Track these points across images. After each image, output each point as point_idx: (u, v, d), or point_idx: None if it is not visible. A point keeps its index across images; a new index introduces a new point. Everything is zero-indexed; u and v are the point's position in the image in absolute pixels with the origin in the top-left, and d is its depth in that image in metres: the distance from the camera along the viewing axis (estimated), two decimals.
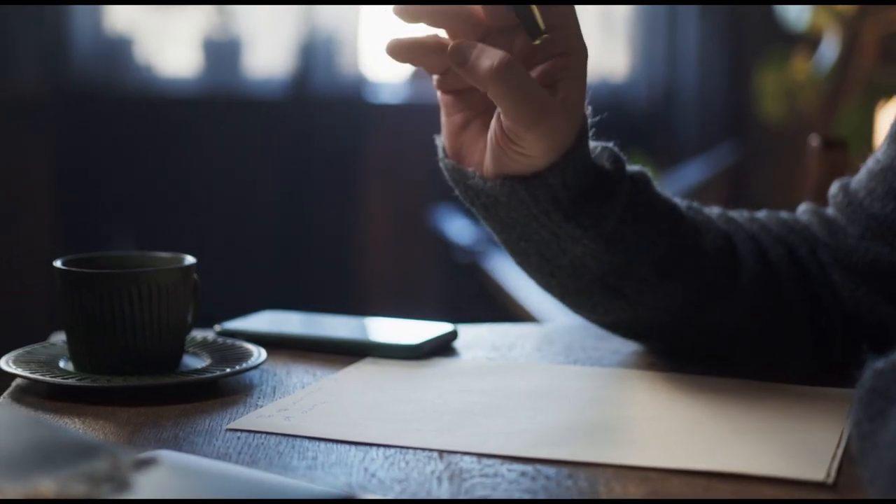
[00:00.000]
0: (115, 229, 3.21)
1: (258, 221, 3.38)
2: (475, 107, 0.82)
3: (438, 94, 0.83)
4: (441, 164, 0.83)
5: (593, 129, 0.81)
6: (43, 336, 0.91)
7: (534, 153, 0.77)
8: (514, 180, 0.78)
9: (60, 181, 3.29)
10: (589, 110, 0.81)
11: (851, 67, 2.96)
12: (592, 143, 0.82)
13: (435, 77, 0.82)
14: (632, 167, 0.84)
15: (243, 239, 3.36)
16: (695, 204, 0.90)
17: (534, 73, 0.77)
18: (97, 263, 0.83)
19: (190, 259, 0.83)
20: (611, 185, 0.80)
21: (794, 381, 0.82)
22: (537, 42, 0.76)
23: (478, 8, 0.80)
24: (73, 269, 0.79)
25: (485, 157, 0.80)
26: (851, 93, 2.92)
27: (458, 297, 3.15)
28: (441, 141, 0.84)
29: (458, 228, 3.01)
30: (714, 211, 0.91)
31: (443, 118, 0.83)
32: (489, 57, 0.75)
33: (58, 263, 0.80)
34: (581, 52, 0.78)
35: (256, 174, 3.38)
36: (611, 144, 0.83)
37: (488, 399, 0.78)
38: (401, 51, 0.80)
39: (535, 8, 0.76)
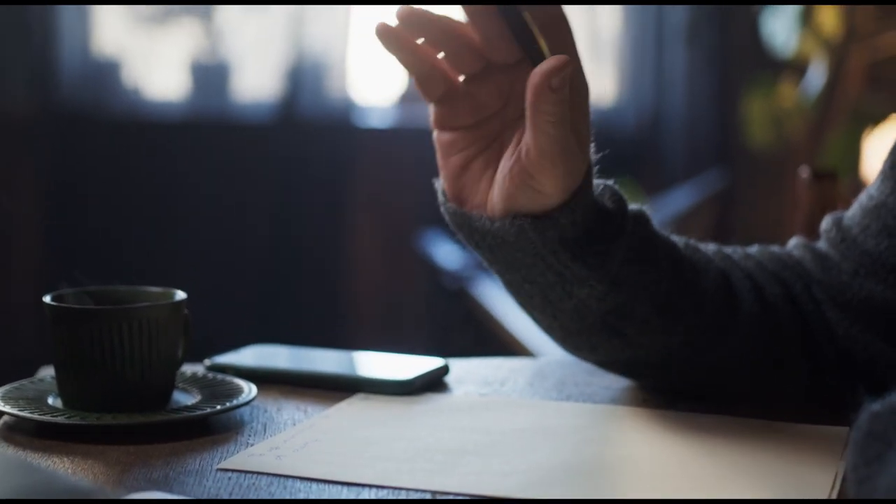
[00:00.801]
0: (103, 252, 3.19)
1: (246, 244, 3.37)
2: (476, 143, 0.80)
3: (435, 134, 0.82)
4: (442, 209, 0.82)
5: (597, 167, 0.81)
6: (31, 366, 0.91)
7: (549, 191, 0.76)
8: (523, 219, 0.77)
9: (48, 204, 3.28)
10: (592, 148, 0.80)
11: (838, 95, 2.97)
12: (595, 181, 0.82)
13: (432, 115, 0.81)
14: (632, 206, 0.83)
15: (231, 261, 3.35)
16: (692, 241, 0.89)
17: None
18: (87, 298, 0.82)
19: (181, 294, 0.83)
20: (614, 224, 0.80)
21: (789, 417, 0.82)
22: (534, 81, 0.75)
23: (475, 39, 0.78)
24: (63, 304, 0.79)
25: (489, 197, 0.79)
26: (838, 120, 2.93)
27: (446, 322, 3.14)
28: (440, 185, 0.83)
29: (447, 253, 3.01)
30: (710, 248, 0.91)
31: (440, 160, 0.82)
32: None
33: (47, 299, 0.80)
34: (585, 88, 0.77)
35: (244, 198, 3.37)
36: (611, 182, 0.83)
37: (481, 437, 0.77)
38: (395, 35, 0.77)
39: (542, 41, 0.75)
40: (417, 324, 3.41)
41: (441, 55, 0.79)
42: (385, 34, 0.78)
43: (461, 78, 0.80)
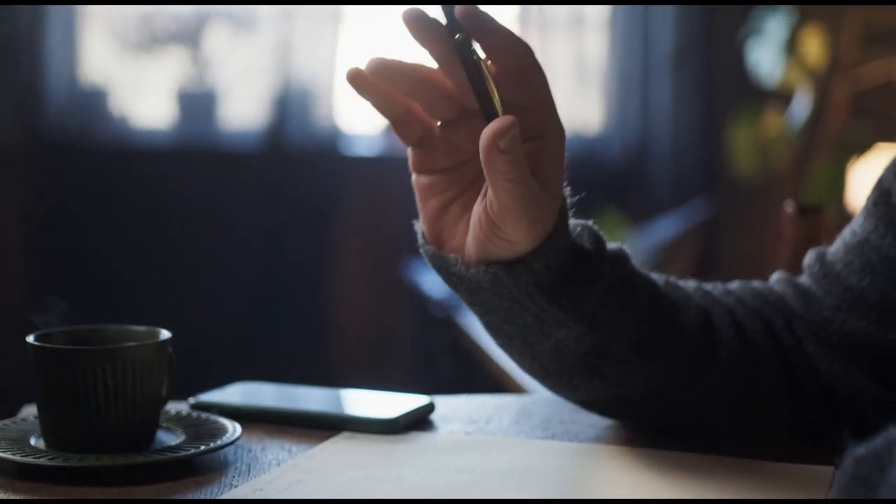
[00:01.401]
0: (90, 281, 3.18)
1: (234, 272, 3.36)
2: (454, 187, 0.80)
3: (414, 177, 0.81)
4: (421, 251, 0.82)
5: (573, 210, 0.81)
6: (14, 400, 0.90)
7: (518, 240, 0.76)
8: (496, 266, 0.77)
9: (34, 232, 3.27)
10: (567, 190, 0.80)
11: (823, 124, 2.99)
12: (572, 222, 0.82)
13: (410, 158, 0.81)
14: (611, 246, 0.83)
15: (219, 288, 3.34)
16: (671, 279, 0.89)
17: None
18: (71, 338, 0.82)
19: (165, 333, 0.82)
20: (592, 266, 0.80)
21: (772, 454, 0.82)
22: (485, 137, 0.72)
23: (448, 85, 0.78)
24: (47, 345, 0.78)
25: (466, 241, 0.79)
26: (823, 149, 2.95)
27: (432, 350, 3.14)
28: (419, 226, 0.83)
29: (434, 282, 3.01)
30: (690, 285, 0.91)
31: (419, 203, 0.81)
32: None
33: (31, 339, 0.79)
34: (558, 133, 0.77)
35: (231, 226, 3.37)
36: (590, 223, 0.83)
37: (467, 478, 0.77)
38: (367, 81, 0.77)
39: (496, 96, 0.74)
40: (404, 352, 3.41)
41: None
42: (356, 80, 0.78)
43: (438, 123, 0.80)
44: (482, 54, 0.76)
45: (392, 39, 3.63)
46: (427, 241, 0.81)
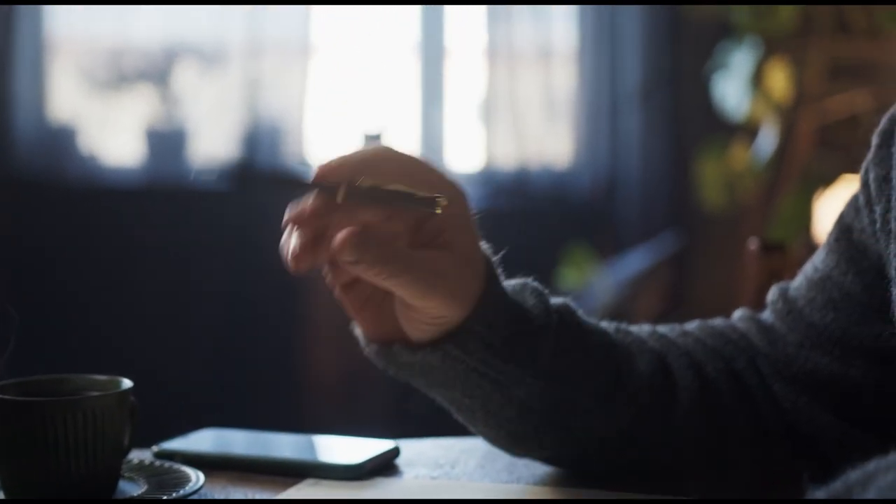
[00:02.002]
0: (57, 321, 3.16)
1: (203, 312, 3.35)
2: (373, 286, 0.78)
3: (335, 291, 0.80)
4: (367, 353, 0.82)
5: (500, 266, 0.80)
6: None
7: (444, 313, 0.76)
8: (441, 343, 0.77)
9: (1, 271, 3.25)
10: (487, 247, 0.80)
11: (789, 157, 3.01)
12: (514, 281, 0.82)
13: (325, 274, 0.80)
14: (555, 300, 0.84)
15: (189, 328, 3.33)
16: (623, 325, 0.90)
17: (422, 239, 0.75)
18: (33, 388, 0.81)
19: (127, 383, 0.82)
20: (538, 319, 0.80)
21: (737, 493, 0.82)
22: (439, 211, 0.73)
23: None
24: (6, 396, 0.78)
25: (404, 330, 0.79)
26: (789, 182, 2.97)
27: (404, 390, 3.13)
28: (358, 331, 0.82)
29: None
30: (644, 329, 0.92)
31: (349, 311, 0.81)
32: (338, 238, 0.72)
33: None
34: (458, 195, 0.76)
35: (200, 264, 3.35)
36: (530, 280, 0.83)
37: None
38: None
39: (414, 193, 0.73)
40: (376, 392, 3.40)
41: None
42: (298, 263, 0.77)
43: None
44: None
45: (360, 74, 3.64)
46: (369, 340, 0.81)
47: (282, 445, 0.94)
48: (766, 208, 3.02)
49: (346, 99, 3.63)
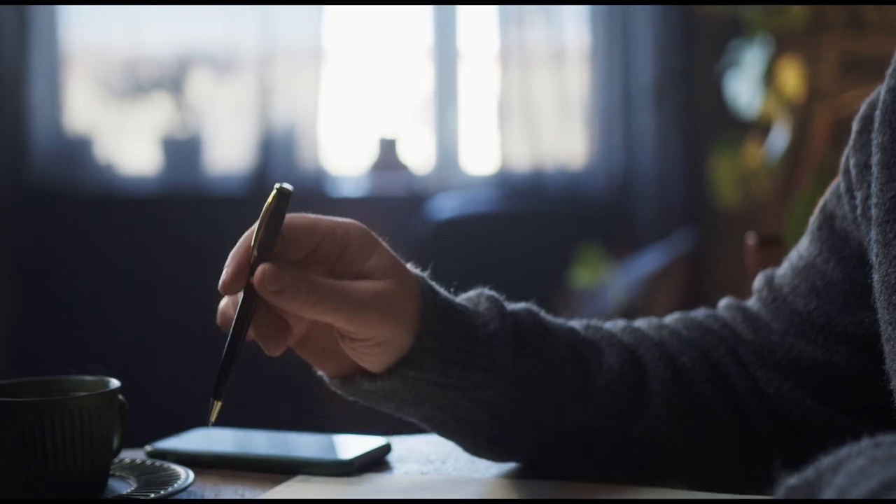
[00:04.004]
0: (76, 329, 3.19)
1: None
2: (321, 330, 0.80)
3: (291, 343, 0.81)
4: (332, 387, 0.82)
5: (430, 278, 0.81)
6: None
7: (385, 336, 0.77)
8: (397, 368, 0.78)
9: (20, 283, 3.28)
10: (410, 265, 0.80)
11: (804, 153, 3.00)
12: (470, 293, 0.83)
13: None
14: (514, 305, 0.85)
15: (205, 332, 3.34)
16: (594, 322, 0.91)
17: (339, 274, 0.77)
18: (17, 389, 0.82)
19: (115, 383, 0.83)
20: (491, 323, 0.81)
21: (722, 484, 0.82)
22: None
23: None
24: None
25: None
26: (804, 178, 2.96)
27: None
28: (319, 371, 0.83)
29: None
30: (618, 324, 0.92)
31: (306, 357, 0.82)
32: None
33: None
34: (348, 226, 0.78)
35: (217, 271, 3.36)
36: (485, 289, 0.84)
37: None
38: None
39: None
40: None
41: None
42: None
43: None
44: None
45: (374, 79, 3.66)
46: (331, 377, 0.82)
47: (273, 443, 0.94)
48: (782, 205, 3.01)
49: (360, 104, 3.64)
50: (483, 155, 3.66)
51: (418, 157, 3.64)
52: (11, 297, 3.28)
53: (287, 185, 0.77)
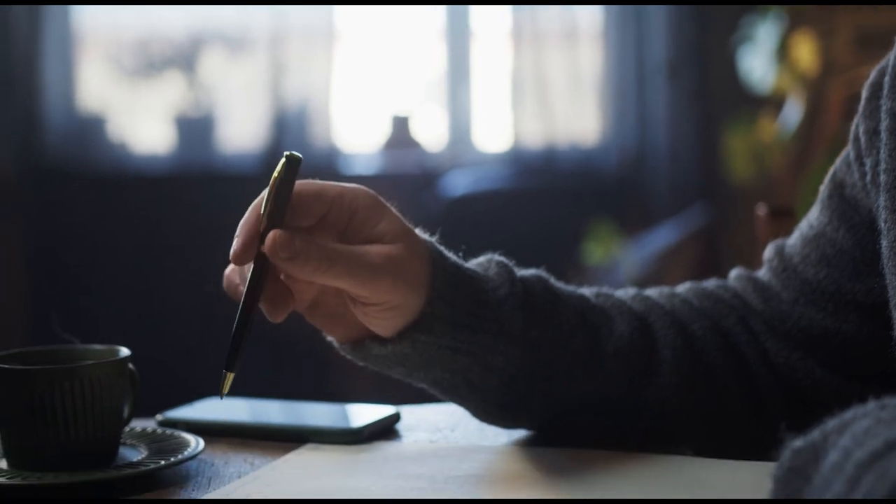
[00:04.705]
0: (90, 308, 3.20)
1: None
2: (332, 296, 0.80)
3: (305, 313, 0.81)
4: (343, 352, 0.83)
5: (441, 244, 0.81)
6: None
7: (396, 300, 0.77)
8: (408, 331, 0.78)
9: (33, 260, 3.29)
10: (422, 231, 0.80)
11: (818, 128, 2.99)
12: (480, 258, 0.83)
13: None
14: (525, 271, 0.85)
15: (217, 309, 3.35)
16: (605, 289, 0.91)
17: (349, 240, 0.77)
18: (28, 359, 0.83)
19: (125, 351, 0.83)
20: (501, 288, 0.81)
21: (730, 450, 0.82)
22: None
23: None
24: (4, 366, 0.79)
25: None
26: (818, 153, 2.95)
27: None
28: (329, 337, 0.83)
29: None
30: (629, 293, 0.92)
31: (324, 331, 0.82)
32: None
33: None
34: (356, 191, 0.77)
35: (229, 249, 3.37)
36: (495, 255, 0.84)
37: (426, 485, 0.78)
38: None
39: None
40: None
41: None
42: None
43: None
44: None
45: (387, 57, 3.65)
46: (341, 343, 0.82)
47: (283, 412, 0.95)
48: (796, 180, 3.00)
49: (372, 81, 3.63)
50: (496, 132, 3.65)
51: (431, 135, 3.64)
52: (24, 275, 3.29)
53: (296, 153, 0.77)
